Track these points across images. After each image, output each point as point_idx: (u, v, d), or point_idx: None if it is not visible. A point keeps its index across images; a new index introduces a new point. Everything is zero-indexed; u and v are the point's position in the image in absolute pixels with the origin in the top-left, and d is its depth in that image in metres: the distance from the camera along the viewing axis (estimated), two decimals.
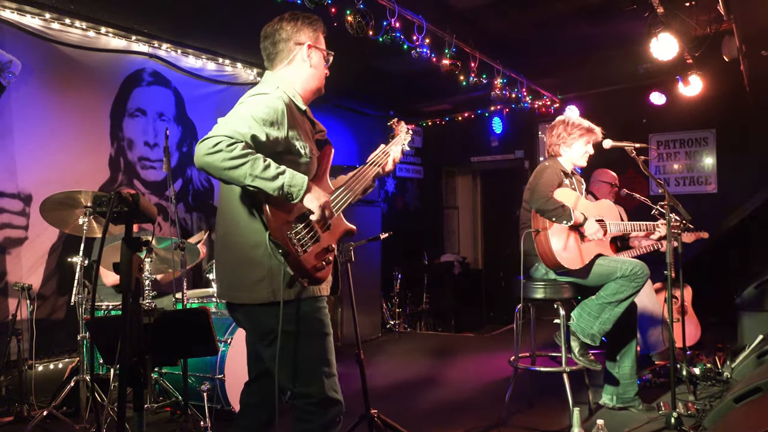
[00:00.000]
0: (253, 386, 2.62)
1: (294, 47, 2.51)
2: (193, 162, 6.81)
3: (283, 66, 2.53)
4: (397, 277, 8.12)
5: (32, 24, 5.01)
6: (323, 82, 2.62)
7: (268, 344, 2.37)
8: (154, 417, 4.25)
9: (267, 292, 2.30)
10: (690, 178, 8.06)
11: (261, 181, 2.14)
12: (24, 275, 4.89)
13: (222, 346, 4.04)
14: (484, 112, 9.37)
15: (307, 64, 2.52)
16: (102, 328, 3.05)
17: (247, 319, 2.44)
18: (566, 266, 3.85)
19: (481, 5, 5.59)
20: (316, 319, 2.40)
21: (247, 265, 2.32)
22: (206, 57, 6.45)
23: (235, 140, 2.13)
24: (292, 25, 2.52)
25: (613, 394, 4.20)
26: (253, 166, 2.13)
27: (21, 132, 4.91)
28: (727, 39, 5.77)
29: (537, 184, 3.93)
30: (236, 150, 2.11)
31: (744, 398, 3.06)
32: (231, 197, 2.36)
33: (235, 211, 2.35)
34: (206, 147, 2.11)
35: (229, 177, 2.14)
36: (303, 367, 2.34)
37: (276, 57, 2.53)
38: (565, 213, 3.80)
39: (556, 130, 4.18)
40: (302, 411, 2.37)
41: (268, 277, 2.30)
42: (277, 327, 2.29)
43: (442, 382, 5.40)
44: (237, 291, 2.38)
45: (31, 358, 4.50)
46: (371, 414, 3.63)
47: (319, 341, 2.40)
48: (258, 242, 2.29)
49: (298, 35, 2.51)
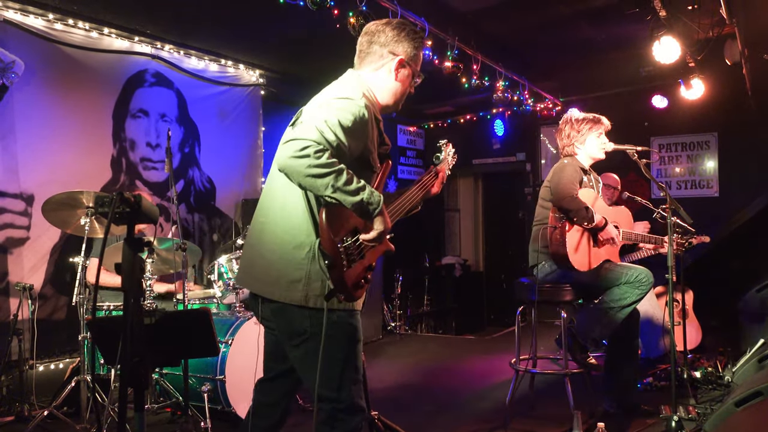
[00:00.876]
0: (270, 385, 2.55)
1: (387, 55, 2.43)
2: (194, 163, 6.83)
3: (369, 69, 2.46)
4: (398, 279, 8.11)
5: (35, 24, 5.02)
6: (402, 100, 2.54)
7: (297, 345, 2.31)
8: (155, 417, 4.25)
9: (301, 295, 2.24)
10: (692, 182, 8.05)
11: (341, 194, 2.09)
12: (25, 275, 4.90)
13: (223, 346, 4.04)
14: (485, 115, 9.37)
15: (393, 77, 2.45)
16: (103, 329, 3.05)
17: (276, 316, 2.36)
18: (576, 267, 3.85)
19: (483, 8, 5.60)
20: (349, 324, 2.33)
21: (285, 262, 2.25)
22: (209, 58, 6.46)
23: (323, 147, 2.07)
24: (395, 33, 2.44)
25: (613, 400, 4.19)
26: (337, 177, 2.07)
27: (23, 132, 4.92)
28: (729, 42, 5.77)
29: (560, 181, 3.90)
30: (323, 158, 2.05)
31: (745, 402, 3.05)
32: (286, 190, 2.28)
33: (288, 205, 2.28)
34: (293, 149, 2.05)
35: (310, 184, 2.08)
36: (333, 372, 2.27)
37: (366, 57, 2.46)
38: (588, 215, 3.79)
39: (564, 131, 4.17)
40: (328, 416, 2.30)
41: (305, 281, 2.23)
42: (310, 329, 2.25)
43: (443, 384, 5.40)
44: (267, 285, 2.30)
45: (32, 358, 4.50)
46: (372, 416, 3.62)
47: (350, 347, 2.33)
48: (303, 243, 2.23)
49: (397, 46, 2.43)
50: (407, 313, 8.48)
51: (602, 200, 4.12)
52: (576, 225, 3.87)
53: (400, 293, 8.10)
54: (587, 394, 4.24)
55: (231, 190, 6.77)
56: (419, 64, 2.51)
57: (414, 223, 9.61)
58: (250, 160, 6.97)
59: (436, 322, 9.20)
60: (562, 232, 3.86)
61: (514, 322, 4.42)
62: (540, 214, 4.12)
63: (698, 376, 4.70)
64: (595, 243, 3.96)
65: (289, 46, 6.03)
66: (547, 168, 8.97)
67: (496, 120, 9.45)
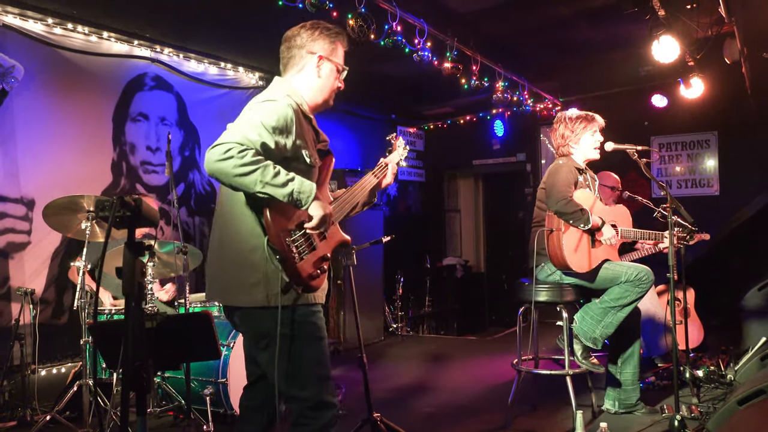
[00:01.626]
0: (252, 390, 2.62)
1: (306, 56, 2.51)
2: (195, 166, 6.83)
3: (293, 73, 2.54)
4: (399, 280, 8.11)
5: (35, 29, 5.03)
6: (332, 95, 2.61)
7: (263, 348, 2.39)
8: (157, 421, 4.25)
9: (262, 296, 2.31)
10: (692, 181, 8.05)
11: (271, 187, 2.17)
12: (27, 280, 4.90)
13: (224, 350, 4.04)
14: (485, 115, 9.37)
15: (316, 74, 2.52)
16: (104, 333, 3.05)
17: (243, 321, 2.45)
18: (574, 269, 3.85)
19: (482, 8, 5.60)
20: (311, 323, 2.41)
21: (243, 267, 2.33)
22: (208, 61, 6.47)
23: (245, 147, 2.15)
24: (309, 33, 2.52)
25: (615, 399, 4.18)
26: (263, 172, 2.15)
27: (24, 137, 4.93)
28: (728, 41, 5.77)
29: (554, 183, 3.90)
30: (247, 156, 2.14)
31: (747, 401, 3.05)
32: (232, 200, 2.37)
33: (236, 214, 2.36)
34: (217, 153, 2.13)
35: (239, 183, 2.16)
36: (298, 371, 2.34)
37: (288, 63, 2.55)
38: (584, 217, 3.79)
39: (558, 130, 4.17)
40: (298, 415, 2.38)
41: (264, 281, 2.30)
42: (273, 331, 2.30)
43: (445, 385, 5.40)
44: (231, 293, 2.38)
45: (34, 362, 4.50)
46: (374, 417, 3.63)
47: (314, 345, 2.41)
48: (256, 246, 2.30)
49: (313, 45, 2.51)
50: (409, 315, 8.48)
51: (600, 200, 4.12)
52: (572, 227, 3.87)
53: (401, 294, 8.10)
54: (589, 394, 4.24)
55: None
56: (340, 57, 2.58)
57: (415, 225, 9.66)
58: None
59: (437, 323, 9.20)
60: (559, 235, 3.86)
61: (515, 323, 4.42)
62: (538, 215, 4.12)
63: (700, 374, 4.69)
64: (593, 243, 3.96)
65: None
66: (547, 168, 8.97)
67: (496, 120, 9.45)
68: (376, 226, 7.22)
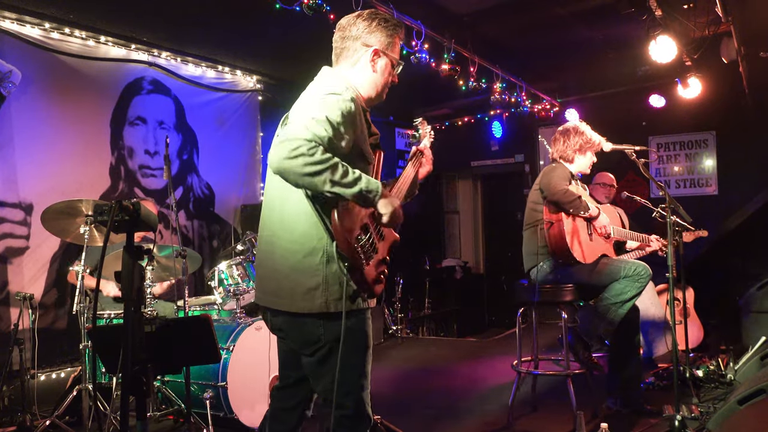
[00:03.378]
0: (288, 392, 2.56)
1: (361, 48, 2.39)
2: (193, 169, 6.83)
3: (346, 65, 2.43)
4: (398, 282, 8.11)
5: (32, 34, 5.02)
6: (385, 91, 2.51)
7: (312, 354, 2.31)
8: (157, 425, 4.24)
9: (320, 302, 2.22)
10: (690, 180, 8.05)
11: (340, 187, 2.08)
12: (26, 285, 4.89)
13: (224, 353, 4.03)
14: (483, 117, 9.37)
15: (370, 69, 2.41)
16: (104, 337, 3.04)
17: (290, 326, 2.34)
18: (577, 257, 3.87)
19: (479, 10, 5.61)
20: (362, 331, 2.33)
21: (300, 272, 2.23)
22: (206, 65, 6.47)
23: (315, 144, 2.04)
24: (366, 24, 2.39)
25: (617, 398, 4.19)
26: (333, 172, 2.06)
27: (22, 142, 4.92)
28: (725, 41, 5.78)
29: (551, 178, 3.97)
30: (317, 155, 2.04)
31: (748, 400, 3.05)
32: (287, 200, 2.27)
33: (292, 216, 2.26)
34: (286, 150, 2.03)
35: (308, 182, 2.06)
36: (343, 379, 2.25)
37: (341, 54, 2.43)
38: (582, 204, 3.86)
39: (572, 138, 4.16)
40: (336, 422, 2.30)
41: (323, 286, 2.22)
42: (325, 337, 2.24)
43: (445, 387, 5.39)
44: (285, 298, 2.28)
45: (33, 367, 4.49)
46: (374, 420, 3.62)
47: (361, 354, 2.33)
48: (315, 249, 2.22)
49: (369, 37, 2.39)
50: (408, 317, 8.47)
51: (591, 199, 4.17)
52: (572, 215, 3.91)
53: (401, 296, 8.09)
54: (590, 395, 4.23)
55: (230, 196, 6.77)
56: (396, 52, 2.46)
57: (414, 226, 9.65)
58: (249, 166, 6.98)
59: (437, 325, 9.19)
60: (560, 225, 3.88)
61: (515, 324, 4.42)
62: (531, 217, 4.15)
63: (700, 374, 4.69)
64: (590, 237, 3.98)
65: (286, 52, 6.02)
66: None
67: (494, 122, 9.45)
68: None
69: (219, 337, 3.59)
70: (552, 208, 3.96)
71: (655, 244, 4.49)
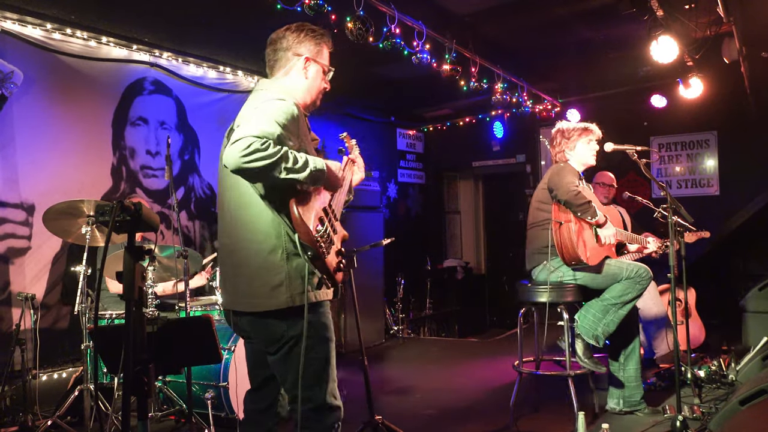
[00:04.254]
0: (259, 393, 2.62)
1: (292, 57, 2.53)
2: (194, 170, 6.82)
3: (280, 75, 2.56)
4: (400, 282, 8.11)
5: (33, 34, 5.03)
6: (320, 96, 2.64)
7: (275, 351, 2.39)
8: (159, 425, 4.25)
9: (285, 298, 2.31)
10: (692, 181, 8.05)
11: (294, 173, 2.21)
12: (27, 285, 4.90)
13: (225, 353, 4.04)
14: (485, 117, 9.37)
15: (303, 76, 2.54)
16: (105, 337, 3.04)
17: (253, 326, 2.43)
18: (583, 259, 3.86)
19: (480, 10, 5.60)
20: (322, 324, 2.41)
21: (264, 271, 2.32)
22: (207, 65, 6.47)
23: (266, 139, 2.16)
24: (295, 35, 2.54)
25: (619, 398, 4.19)
26: (286, 160, 2.19)
27: (23, 142, 4.93)
28: (727, 41, 5.77)
29: (561, 178, 3.94)
30: (270, 149, 2.15)
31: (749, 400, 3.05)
32: (243, 204, 2.37)
33: (251, 217, 2.35)
34: (240, 149, 2.13)
35: (266, 175, 2.18)
36: (306, 372, 2.33)
37: (275, 65, 2.57)
38: (591, 209, 3.85)
39: (555, 140, 4.25)
40: (302, 417, 2.37)
41: (287, 282, 2.31)
42: (288, 332, 2.32)
43: (446, 387, 5.39)
44: (253, 298, 2.36)
45: (35, 367, 4.50)
46: (376, 420, 3.62)
47: (323, 346, 2.41)
48: (276, 247, 2.31)
49: (299, 47, 2.53)
50: (410, 317, 8.47)
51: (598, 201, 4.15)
52: (580, 219, 3.89)
53: (402, 297, 8.09)
54: (591, 395, 4.23)
55: None
56: (325, 59, 2.61)
57: (415, 227, 9.66)
58: None
59: (438, 326, 9.19)
60: (569, 226, 3.88)
61: (516, 324, 4.42)
62: (537, 216, 4.13)
63: (702, 375, 4.69)
64: (596, 240, 3.98)
65: None
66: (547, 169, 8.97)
67: (496, 122, 9.45)
68: (376, 229, 7.22)
69: (220, 338, 3.58)
70: (561, 207, 3.95)
71: (652, 246, 4.43)
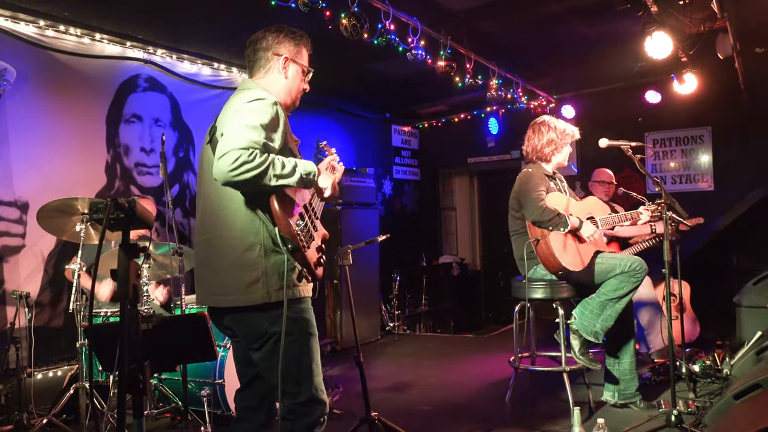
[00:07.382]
0: (248, 391, 2.64)
1: (272, 57, 2.57)
2: (189, 167, 6.81)
3: (260, 75, 2.60)
4: (395, 279, 8.12)
5: (27, 31, 5.00)
6: (298, 97, 2.67)
7: (258, 348, 2.41)
8: (155, 423, 4.25)
9: (261, 294, 2.33)
10: (686, 176, 8.07)
11: (284, 179, 2.25)
12: (22, 283, 4.88)
13: (221, 351, 4.04)
14: (480, 113, 9.37)
15: (282, 76, 2.58)
16: (100, 335, 3.03)
17: (236, 323, 2.45)
18: (570, 269, 3.86)
19: (475, 6, 5.60)
20: (304, 319, 2.44)
21: (240, 267, 2.34)
22: (201, 62, 6.45)
23: (252, 150, 2.19)
24: (274, 36, 2.58)
25: (614, 391, 4.21)
26: (274, 168, 2.22)
27: (17, 140, 4.91)
28: (721, 37, 5.78)
29: (527, 193, 3.95)
30: (257, 159, 2.18)
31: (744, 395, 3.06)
32: (223, 201, 2.38)
33: (230, 214, 2.37)
34: (228, 164, 2.15)
35: (256, 185, 2.21)
36: (292, 367, 2.36)
37: (254, 65, 2.60)
38: (562, 220, 3.83)
39: (546, 135, 4.17)
40: (288, 410, 2.40)
41: (263, 279, 2.33)
42: (270, 329, 2.34)
43: (443, 383, 5.40)
44: (227, 294, 2.38)
45: (30, 366, 4.49)
46: (372, 416, 3.63)
47: (307, 341, 2.43)
48: (253, 244, 2.34)
49: (278, 47, 2.57)
50: (405, 313, 8.48)
51: (573, 201, 4.12)
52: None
53: (397, 293, 8.11)
54: (586, 390, 4.24)
55: None
56: (304, 60, 2.65)
57: (410, 223, 9.66)
58: None
59: (434, 322, 9.21)
60: (546, 241, 3.88)
61: (512, 320, 4.43)
62: (514, 224, 4.15)
63: (697, 369, 4.71)
64: (580, 240, 3.98)
65: None
66: None
67: (491, 118, 9.45)
68: (371, 225, 7.22)
69: (215, 335, 3.58)
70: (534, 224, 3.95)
71: (645, 216, 4.23)
